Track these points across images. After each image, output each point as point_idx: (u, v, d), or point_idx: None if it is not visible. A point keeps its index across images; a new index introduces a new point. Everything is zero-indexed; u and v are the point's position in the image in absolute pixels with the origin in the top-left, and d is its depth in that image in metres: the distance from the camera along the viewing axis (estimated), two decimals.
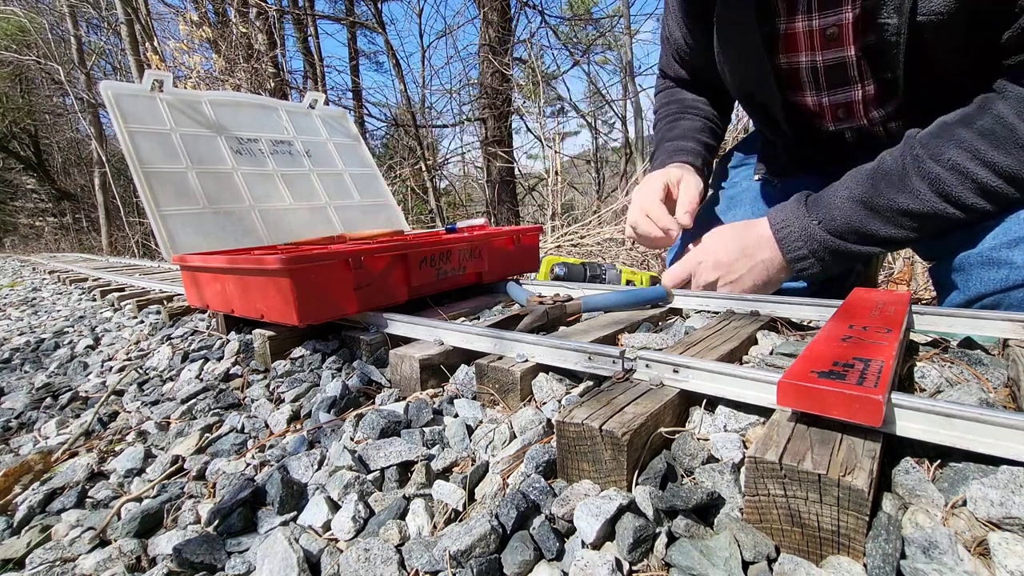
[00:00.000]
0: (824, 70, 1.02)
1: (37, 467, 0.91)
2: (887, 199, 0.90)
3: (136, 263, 5.04)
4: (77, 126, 17.16)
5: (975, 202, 0.85)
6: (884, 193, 0.90)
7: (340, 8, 9.78)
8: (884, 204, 0.90)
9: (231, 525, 0.63)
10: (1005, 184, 0.83)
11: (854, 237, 0.94)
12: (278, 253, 1.18)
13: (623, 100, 7.92)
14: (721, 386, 0.63)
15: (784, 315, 0.97)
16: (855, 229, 0.93)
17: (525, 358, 0.82)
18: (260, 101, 2.14)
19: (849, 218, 0.93)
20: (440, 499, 0.61)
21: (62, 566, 0.64)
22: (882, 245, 0.94)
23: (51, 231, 19.28)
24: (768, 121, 1.20)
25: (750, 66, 1.08)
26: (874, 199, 0.91)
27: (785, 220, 1.00)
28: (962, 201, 0.85)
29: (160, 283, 2.63)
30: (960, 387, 0.64)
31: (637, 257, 3.46)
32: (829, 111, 1.08)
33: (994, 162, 0.82)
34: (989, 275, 0.88)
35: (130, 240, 11.78)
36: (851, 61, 0.98)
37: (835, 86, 1.03)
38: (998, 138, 0.82)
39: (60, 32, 13.14)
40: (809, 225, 0.97)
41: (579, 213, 6.81)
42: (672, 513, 0.50)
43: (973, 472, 0.48)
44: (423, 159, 7.04)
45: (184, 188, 1.65)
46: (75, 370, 1.53)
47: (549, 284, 1.42)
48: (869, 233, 0.93)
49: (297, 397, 0.96)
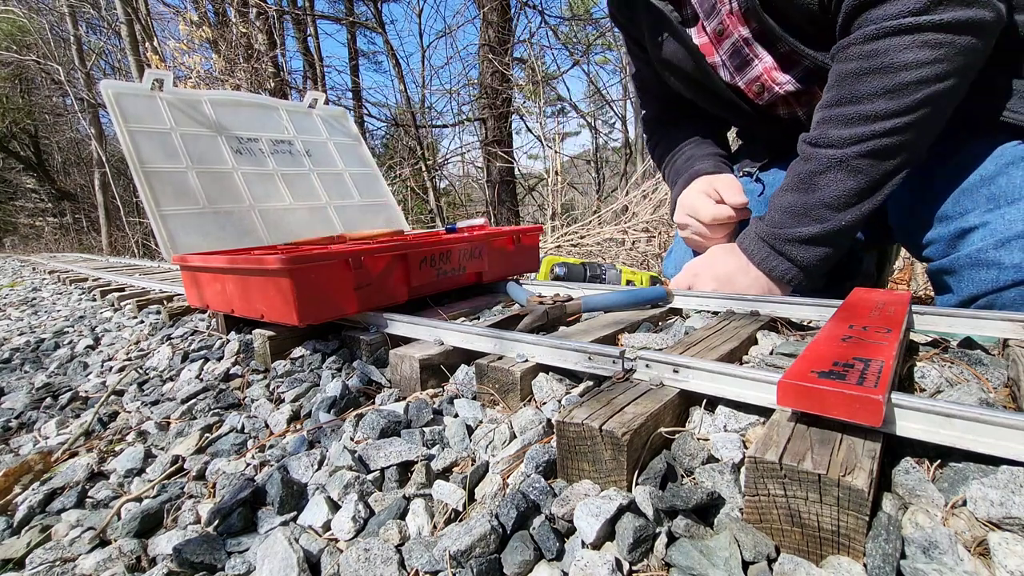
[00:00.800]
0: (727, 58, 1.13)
1: (37, 467, 0.91)
2: (800, 194, 0.97)
3: (136, 263, 5.04)
4: (77, 126, 17.16)
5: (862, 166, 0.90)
6: (801, 192, 0.97)
7: (340, 8, 9.80)
8: (802, 202, 0.97)
9: (231, 525, 0.63)
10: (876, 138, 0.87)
11: (792, 224, 0.98)
12: (278, 253, 1.18)
13: (623, 100, 7.93)
14: (721, 386, 0.63)
15: (784, 315, 0.98)
16: (789, 221, 0.98)
17: (525, 358, 0.82)
18: (260, 101, 2.14)
19: (782, 213, 1.00)
20: (440, 499, 0.61)
21: (62, 566, 0.64)
22: (830, 236, 0.96)
23: (51, 231, 19.28)
24: (730, 107, 1.24)
25: (687, 66, 1.18)
26: (790, 198, 0.99)
27: (744, 234, 1.08)
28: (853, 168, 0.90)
29: (160, 283, 2.63)
30: (960, 387, 0.64)
31: (637, 257, 3.46)
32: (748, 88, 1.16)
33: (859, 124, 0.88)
34: (980, 276, 0.88)
35: (130, 240, 11.78)
36: (740, 43, 1.08)
37: (741, 68, 1.13)
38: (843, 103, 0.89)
39: (60, 32, 13.14)
40: (759, 229, 1.04)
41: (579, 213, 6.81)
42: (672, 513, 0.50)
43: (973, 472, 0.48)
44: (423, 159, 7.04)
45: (184, 188, 1.65)
46: (75, 370, 1.53)
47: (549, 284, 1.42)
48: (802, 225, 0.97)
49: (297, 397, 0.96)
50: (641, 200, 3.94)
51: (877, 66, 0.84)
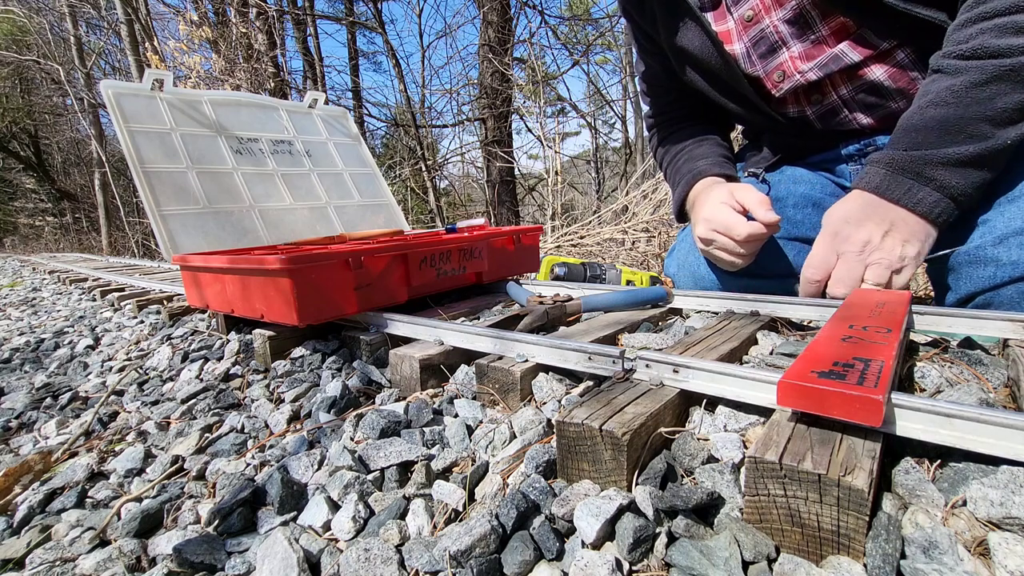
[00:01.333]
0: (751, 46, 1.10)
1: (37, 467, 0.91)
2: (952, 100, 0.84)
3: (136, 263, 5.04)
4: (77, 126, 17.16)
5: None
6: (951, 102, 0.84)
7: (340, 8, 9.79)
8: (956, 116, 0.83)
9: (231, 525, 0.63)
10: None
11: (943, 142, 0.84)
12: (278, 253, 1.18)
13: (623, 100, 7.92)
14: (721, 386, 0.63)
15: (784, 315, 0.98)
16: (937, 139, 0.85)
17: (525, 358, 0.82)
18: (260, 101, 2.14)
19: (926, 132, 0.85)
20: (440, 499, 0.61)
21: (62, 566, 0.64)
22: (990, 156, 0.83)
23: (51, 231, 19.28)
24: (743, 101, 1.22)
25: (704, 54, 1.13)
26: (938, 113, 0.85)
27: (865, 173, 0.91)
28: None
29: (160, 283, 2.63)
30: (960, 387, 0.64)
31: (637, 257, 3.46)
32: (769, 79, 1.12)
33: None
34: (978, 273, 0.88)
35: (130, 240, 11.78)
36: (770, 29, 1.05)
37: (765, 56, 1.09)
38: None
39: (60, 32, 13.14)
40: (892, 157, 0.87)
41: (579, 213, 6.81)
42: (672, 513, 0.50)
43: (973, 472, 0.48)
44: (423, 159, 7.04)
45: (184, 188, 1.65)
46: (75, 370, 1.53)
47: (549, 284, 1.42)
48: (956, 144, 0.84)
49: (297, 397, 0.96)
50: (641, 200, 3.94)
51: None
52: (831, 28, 1.01)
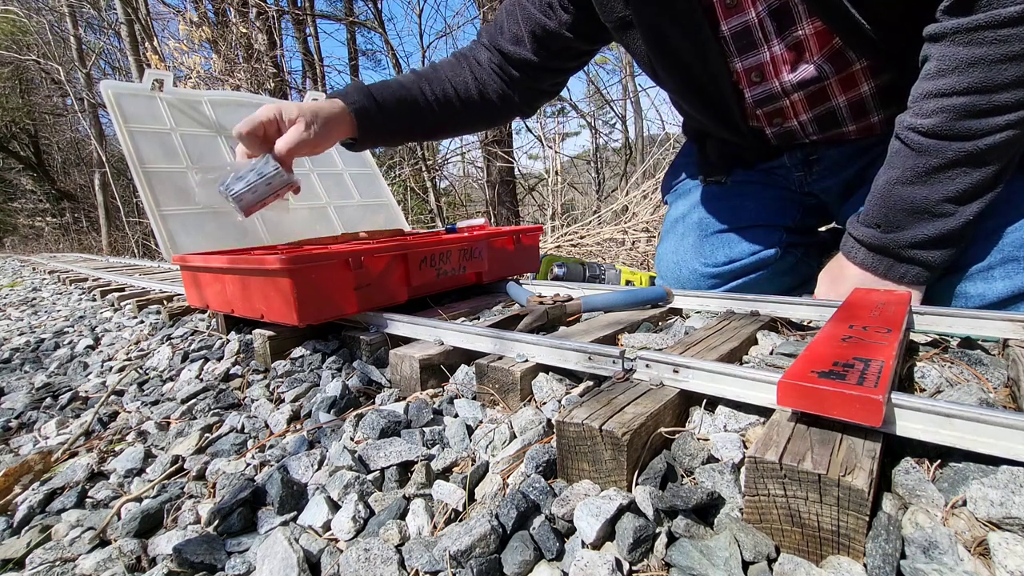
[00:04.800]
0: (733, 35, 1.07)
1: (37, 467, 0.91)
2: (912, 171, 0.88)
3: (136, 263, 5.04)
4: (77, 126, 17.17)
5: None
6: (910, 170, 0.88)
7: (339, 8, 9.80)
8: (922, 197, 0.87)
9: (231, 525, 0.63)
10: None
11: (912, 223, 0.90)
12: (278, 253, 1.18)
13: (623, 100, 7.93)
14: (721, 386, 0.63)
15: (784, 315, 0.98)
16: (907, 220, 0.90)
17: (525, 358, 0.82)
18: (260, 101, 2.14)
19: (895, 212, 0.91)
20: (440, 499, 0.61)
21: (62, 566, 0.64)
22: (958, 231, 0.88)
23: (51, 231, 19.27)
24: (711, 104, 1.19)
25: (691, 39, 1.08)
26: (905, 193, 0.89)
27: (852, 247, 0.99)
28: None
29: (160, 283, 2.63)
30: (960, 387, 0.64)
31: (637, 257, 3.46)
32: (743, 76, 1.11)
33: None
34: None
35: (130, 240, 11.78)
36: (754, 24, 1.03)
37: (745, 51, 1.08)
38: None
39: (60, 32, 13.14)
40: (869, 237, 0.94)
41: (579, 213, 6.81)
42: (672, 513, 0.50)
43: (973, 472, 0.48)
44: (423, 159, 7.04)
45: (184, 188, 1.65)
46: (75, 370, 1.53)
47: (549, 284, 1.42)
48: (923, 224, 0.89)
49: (297, 397, 0.96)
50: (641, 200, 3.94)
51: (1018, 52, 0.76)
52: (815, 28, 0.99)
